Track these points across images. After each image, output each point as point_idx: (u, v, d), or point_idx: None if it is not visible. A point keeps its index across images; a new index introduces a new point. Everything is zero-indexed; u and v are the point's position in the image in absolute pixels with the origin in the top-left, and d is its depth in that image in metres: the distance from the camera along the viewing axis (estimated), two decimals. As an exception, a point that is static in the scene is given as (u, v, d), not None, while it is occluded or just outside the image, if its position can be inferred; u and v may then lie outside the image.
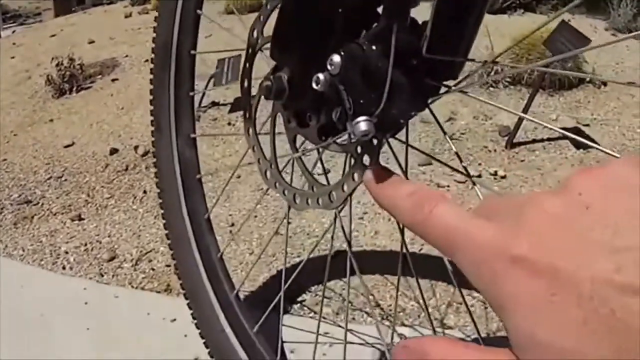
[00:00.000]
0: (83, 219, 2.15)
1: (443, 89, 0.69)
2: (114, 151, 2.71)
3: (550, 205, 0.28)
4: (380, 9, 0.63)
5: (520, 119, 2.23)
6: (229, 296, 1.19)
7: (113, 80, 3.83)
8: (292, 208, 0.81)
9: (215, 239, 1.23)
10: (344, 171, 0.71)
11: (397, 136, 0.77)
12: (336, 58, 0.60)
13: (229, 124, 2.82)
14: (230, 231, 1.90)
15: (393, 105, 0.61)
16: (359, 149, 0.66)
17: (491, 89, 2.83)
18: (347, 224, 1.03)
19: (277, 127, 0.81)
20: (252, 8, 5.18)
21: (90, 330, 1.54)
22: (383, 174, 0.45)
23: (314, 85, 0.64)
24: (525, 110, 2.24)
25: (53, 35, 5.54)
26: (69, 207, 2.25)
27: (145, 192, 2.27)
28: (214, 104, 3.01)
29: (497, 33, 3.65)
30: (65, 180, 2.49)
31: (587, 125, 2.49)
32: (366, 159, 0.65)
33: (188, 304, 1.26)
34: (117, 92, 3.58)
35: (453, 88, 0.69)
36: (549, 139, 2.30)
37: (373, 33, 0.61)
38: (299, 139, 0.77)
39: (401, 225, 0.85)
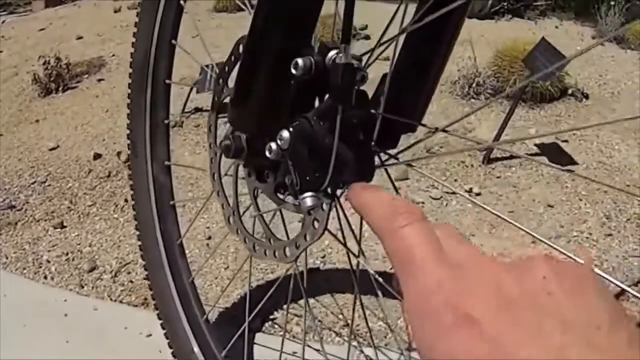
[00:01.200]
0: (65, 227, 2.18)
1: (391, 160, 0.73)
2: (97, 156, 2.73)
3: (511, 280, 0.29)
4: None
5: (499, 135, 2.26)
6: (199, 320, 1.23)
7: (99, 80, 3.84)
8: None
9: (187, 263, 1.27)
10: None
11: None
12: (285, 134, 0.63)
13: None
14: (207, 244, 1.94)
15: (340, 178, 0.64)
16: (310, 213, 0.69)
17: (472, 100, 2.86)
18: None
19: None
20: (241, 7, 5.27)
21: (70, 342, 1.57)
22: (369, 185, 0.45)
23: (267, 153, 0.67)
24: (504, 124, 2.28)
25: (42, 29, 5.53)
26: (52, 214, 2.27)
27: (126, 200, 2.30)
28: (197, 110, 3.03)
29: (482, 41, 3.69)
30: (49, 185, 2.52)
31: (566, 141, 2.53)
32: (316, 224, 0.69)
33: (161, 324, 1.30)
34: (102, 93, 3.60)
35: (400, 160, 0.73)
36: (526, 155, 2.35)
37: (321, 109, 0.64)
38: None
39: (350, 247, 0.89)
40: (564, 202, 2.06)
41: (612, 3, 4.44)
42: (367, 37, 4.01)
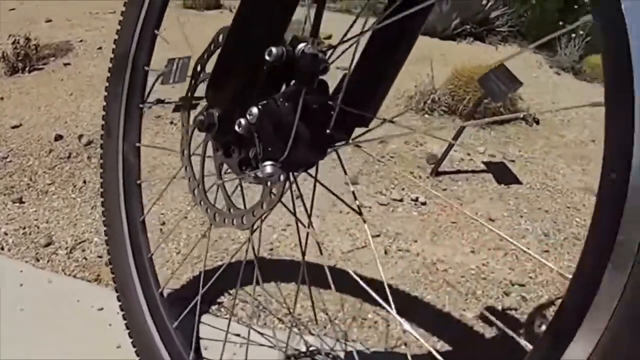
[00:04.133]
0: (24, 202, 2.22)
1: (342, 142, 0.83)
2: (58, 137, 2.76)
3: None
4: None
5: (448, 149, 2.39)
6: (155, 293, 1.31)
7: (65, 64, 3.86)
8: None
9: (147, 240, 1.35)
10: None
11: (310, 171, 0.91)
12: (254, 110, 0.73)
13: (172, 122, 2.91)
14: (161, 230, 2.00)
15: (297, 152, 0.74)
16: (268, 183, 0.79)
17: (426, 116, 3.00)
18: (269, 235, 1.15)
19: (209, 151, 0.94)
20: (209, 5, 5.41)
21: (24, 311, 1.63)
22: None
23: (236, 128, 0.77)
24: (455, 139, 2.41)
25: (12, 9, 5.49)
26: (11, 189, 2.31)
27: (84, 182, 2.35)
28: (159, 101, 3.08)
29: (441, 60, 3.84)
30: (10, 161, 2.55)
31: (513, 161, 2.68)
32: (274, 191, 0.79)
33: (118, 297, 1.37)
34: (67, 77, 3.63)
35: (350, 141, 0.84)
36: (472, 171, 2.48)
37: (287, 92, 0.74)
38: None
39: (302, 239, 0.98)
40: (506, 217, 2.19)
41: (573, 35, 4.62)
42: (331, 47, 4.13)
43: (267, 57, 0.72)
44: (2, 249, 1.93)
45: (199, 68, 0.95)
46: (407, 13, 0.74)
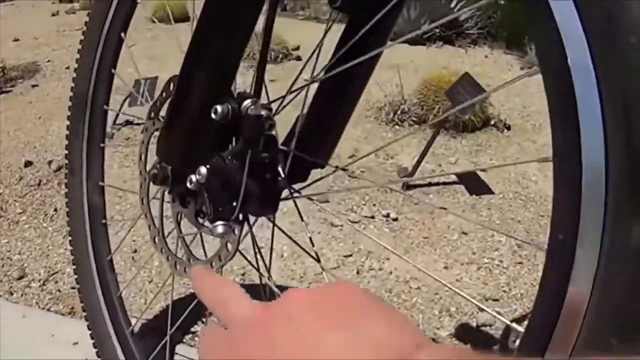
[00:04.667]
0: (-5, 233, 2.21)
1: (295, 195, 0.84)
2: (28, 163, 2.75)
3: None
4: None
5: (418, 162, 2.41)
6: (125, 331, 1.31)
7: (33, 86, 3.86)
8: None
9: (115, 278, 1.35)
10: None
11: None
12: (203, 169, 0.74)
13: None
14: (133, 257, 2.00)
15: (248, 209, 0.75)
16: (223, 237, 0.79)
17: (396, 127, 3.01)
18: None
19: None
20: (176, 18, 5.42)
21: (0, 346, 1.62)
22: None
23: (187, 184, 0.77)
24: (425, 152, 2.43)
25: (-23, 28, 5.45)
26: (-19, 220, 2.29)
27: (55, 210, 2.34)
28: (128, 122, 3.08)
29: (410, 67, 3.86)
30: (-21, 191, 2.53)
31: (484, 170, 2.69)
32: (229, 245, 0.79)
33: (90, 334, 1.37)
34: (35, 99, 3.62)
35: (302, 193, 0.85)
36: (444, 183, 2.49)
37: (234, 151, 0.75)
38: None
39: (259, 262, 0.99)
40: (478, 229, 2.21)
41: None
42: (299, 58, 4.14)
43: (213, 116, 0.73)
44: (-25, 284, 1.92)
45: (152, 115, 0.95)
46: (353, 63, 0.76)
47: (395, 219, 2.21)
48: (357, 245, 2.03)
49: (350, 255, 1.98)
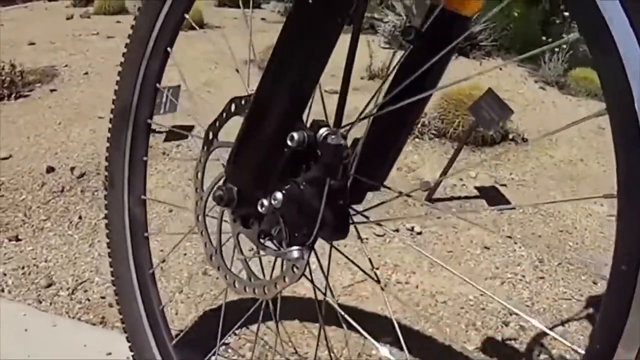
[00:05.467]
0: (20, 240, 2.22)
1: (362, 218, 0.85)
2: (50, 169, 2.76)
3: None
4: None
5: (442, 175, 2.43)
6: (168, 344, 1.32)
7: (51, 90, 3.87)
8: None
9: (157, 291, 1.35)
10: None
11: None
12: (279, 195, 0.75)
13: (164, 153, 2.92)
14: (162, 268, 2.01)
15: (322, 234, 0.76)
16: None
17: (416, 140, 3.03)
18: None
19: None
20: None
21: (31, 357, 1.62)
22: None
23: (259, 208, 0.79)
24: (448, 166, 2.45)
25: (-8, 32, 5.48)
26: (6, 226, 2.31)
27: (80, 217, 2.36)
28: (152, 131, 3.08)
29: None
30: (2, 196, 2.54)
31: (505, 185, 2.71)
32: (295, 269, 0.81)
33: (130, 347, 1.38)
34: (55, 104, 3.63)
35: (371, 219, 0.86)
36: (466, 197, 2.51)
37: (310, 177, 0.76)
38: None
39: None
40: (500, 244, 2.23)
41: (557, 50, 4.67)
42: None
43: (289, 143, 0.74)
44: (2, 290, 1.93)
45: (210, 136, 0.97)
46: (412, 100, 0.78)
47: (420, 233, 2.22)
48: (383, 258, 2.05)
49: (377, 269, 2.00)
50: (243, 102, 0.90)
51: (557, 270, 2.10)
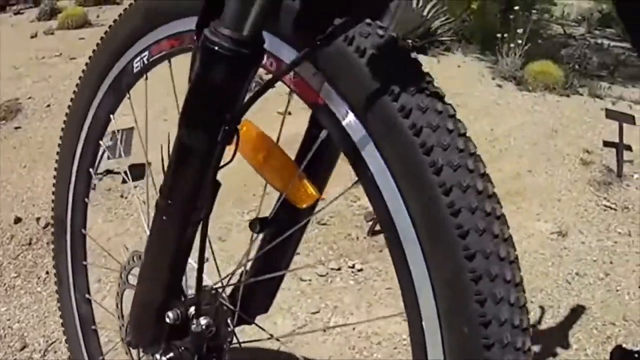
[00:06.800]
0: (-7, 300, 2.36)
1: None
2: (17, 220, 2.87)
3: None
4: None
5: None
6: None
7: (16, 128, 3.96)
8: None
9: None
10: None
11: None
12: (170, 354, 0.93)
13: (122, 196, 3.03)
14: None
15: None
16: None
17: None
18: None
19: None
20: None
21: None
22: None
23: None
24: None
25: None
26: (-21, 285, 2.45)
27: (47, 272, 2.47)
28: (109, 172, 3.16)
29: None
30: (-29, 249, 2.66)
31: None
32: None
33: None
34: (20, 144, 3.72)
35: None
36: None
37: (185, 344, 0.94)
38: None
39: None
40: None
41: (512, 45, 4.76)
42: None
43: (167, 320, 0.92)
44: (-21, 356, 2.07)
45: (121, 275, 1.15)
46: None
47: (360, 270, 2.37)
48: (324, 300, 2.21)
49: (318, 312, 2.15)
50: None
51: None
